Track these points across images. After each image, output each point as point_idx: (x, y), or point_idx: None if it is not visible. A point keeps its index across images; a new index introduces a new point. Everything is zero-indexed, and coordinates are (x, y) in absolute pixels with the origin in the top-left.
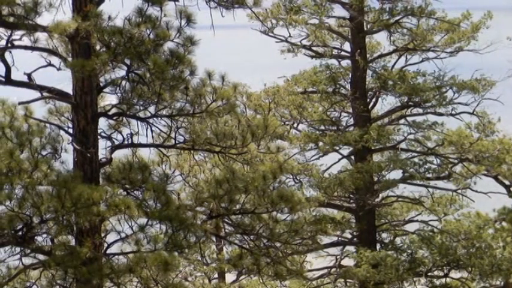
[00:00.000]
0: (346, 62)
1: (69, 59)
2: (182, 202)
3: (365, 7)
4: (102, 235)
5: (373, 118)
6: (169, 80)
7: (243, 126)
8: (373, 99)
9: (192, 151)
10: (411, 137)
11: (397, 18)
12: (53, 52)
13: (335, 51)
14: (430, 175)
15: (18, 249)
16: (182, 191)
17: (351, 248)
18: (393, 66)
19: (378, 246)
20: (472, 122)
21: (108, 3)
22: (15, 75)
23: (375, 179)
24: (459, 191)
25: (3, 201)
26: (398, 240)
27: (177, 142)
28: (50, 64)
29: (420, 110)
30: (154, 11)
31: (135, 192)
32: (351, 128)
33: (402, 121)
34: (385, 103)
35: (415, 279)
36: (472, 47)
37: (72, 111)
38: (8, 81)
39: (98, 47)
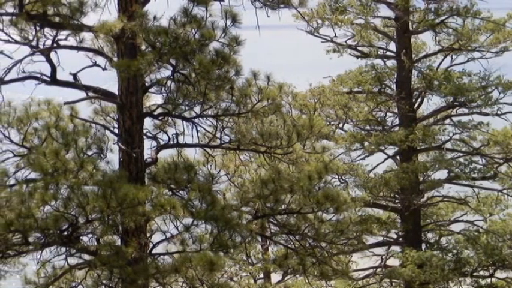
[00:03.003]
0: (391, 62)
1: (115, 59)
2: (228, 202)
3: (410, 7)
4: (148, 235)
5: (419, 118)
6: (214, 80)
7: (288, 126)
8: (419, 99)
9: (237, 151)
10: (457, 137)
11: (442, 18)
12: (98, 52)
13: (380, 51)
14: (475, 175)
15: (63, 249)
16: (228, 191)
17: (396, 248)
18: (439, 66)
19: (424, 246)
20: None
21: (153, 3)
22: (61, 75)
23: (421, 179)
24: (505, 191)
25: (48, 201)
26: (443, 240)
27: (222, 142)
28: (95, 64)
29: (466, 110)
30: (200, 11)
31: (180, 192)
32: (397, 128)
33: (448, 121)
34: (431, 103)
35: (460, 279)
36: None
37: (118, 111)
38: (54, 81)
39: (143, 47)
